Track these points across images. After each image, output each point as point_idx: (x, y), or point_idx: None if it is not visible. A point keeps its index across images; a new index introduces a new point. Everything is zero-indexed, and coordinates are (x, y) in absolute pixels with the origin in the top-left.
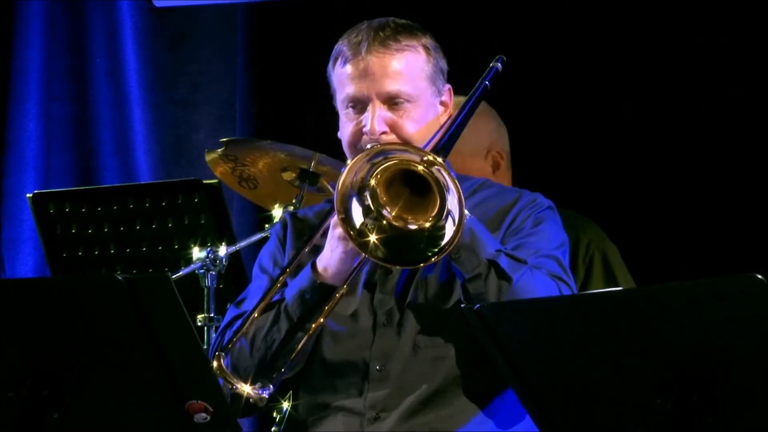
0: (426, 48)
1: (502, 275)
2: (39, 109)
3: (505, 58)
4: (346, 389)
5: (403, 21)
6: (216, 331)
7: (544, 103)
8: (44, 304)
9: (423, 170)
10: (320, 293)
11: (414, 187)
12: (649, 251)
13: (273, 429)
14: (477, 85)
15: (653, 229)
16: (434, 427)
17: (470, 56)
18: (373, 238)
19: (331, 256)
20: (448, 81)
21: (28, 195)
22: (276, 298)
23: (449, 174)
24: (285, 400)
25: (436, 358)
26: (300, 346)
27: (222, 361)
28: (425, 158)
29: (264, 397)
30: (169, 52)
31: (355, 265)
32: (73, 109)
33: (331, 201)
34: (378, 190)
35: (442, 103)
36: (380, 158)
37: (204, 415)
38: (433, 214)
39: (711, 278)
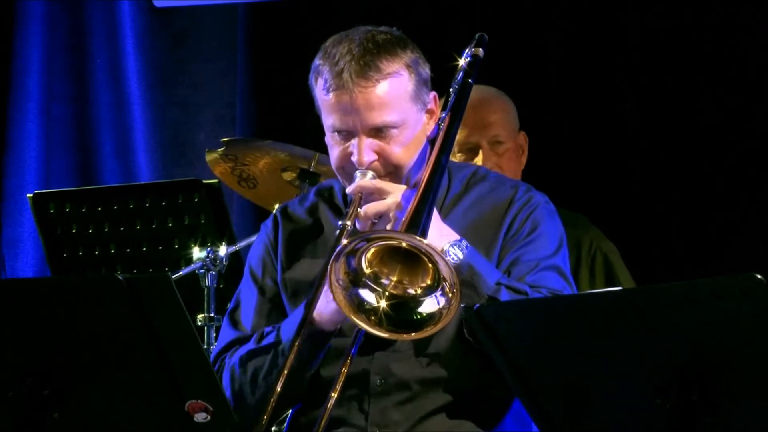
0: (408, 67)
1: None
2: (39, 109)
3: (486, 37)
4: (346, 402)
5: (383, 35)
6: (214, 332)
7: (543, 102)
8: (44, 304)
9: (407, 245)
10: (314, 340)
11: (405, 256)
12: (649, 251)
13: (273, 429)
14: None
15: (653, 229)
16: None
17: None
18: (382, 305)
19: (326, 306)
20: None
21: (28, 195)
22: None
23: (432, 248)
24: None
25: (439, 371)
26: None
27: None
28: (402, 243)
29: None
30: (169, 52)
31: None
32: (73, 109)
33: (321, 188)
34: (377, 270)
35: (428, 112)
36: (355, 243)
37: (204, 415)
38: (428, 278)
39: (711, 278)
